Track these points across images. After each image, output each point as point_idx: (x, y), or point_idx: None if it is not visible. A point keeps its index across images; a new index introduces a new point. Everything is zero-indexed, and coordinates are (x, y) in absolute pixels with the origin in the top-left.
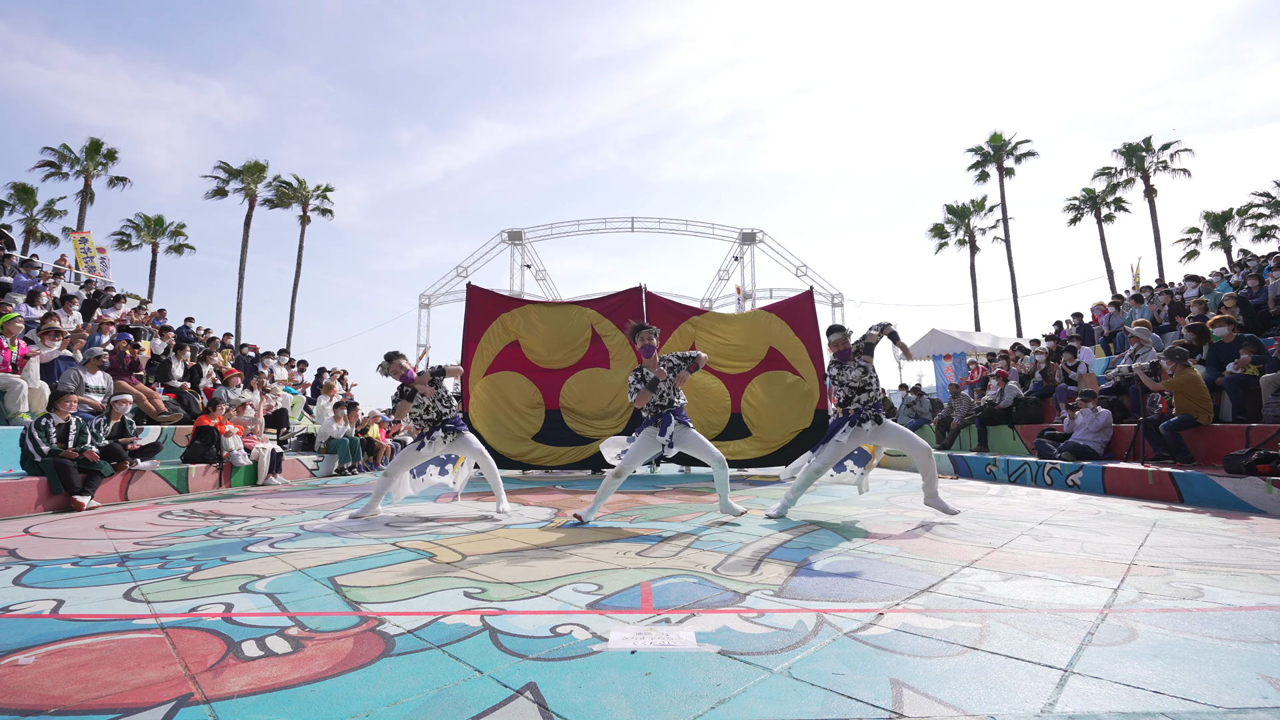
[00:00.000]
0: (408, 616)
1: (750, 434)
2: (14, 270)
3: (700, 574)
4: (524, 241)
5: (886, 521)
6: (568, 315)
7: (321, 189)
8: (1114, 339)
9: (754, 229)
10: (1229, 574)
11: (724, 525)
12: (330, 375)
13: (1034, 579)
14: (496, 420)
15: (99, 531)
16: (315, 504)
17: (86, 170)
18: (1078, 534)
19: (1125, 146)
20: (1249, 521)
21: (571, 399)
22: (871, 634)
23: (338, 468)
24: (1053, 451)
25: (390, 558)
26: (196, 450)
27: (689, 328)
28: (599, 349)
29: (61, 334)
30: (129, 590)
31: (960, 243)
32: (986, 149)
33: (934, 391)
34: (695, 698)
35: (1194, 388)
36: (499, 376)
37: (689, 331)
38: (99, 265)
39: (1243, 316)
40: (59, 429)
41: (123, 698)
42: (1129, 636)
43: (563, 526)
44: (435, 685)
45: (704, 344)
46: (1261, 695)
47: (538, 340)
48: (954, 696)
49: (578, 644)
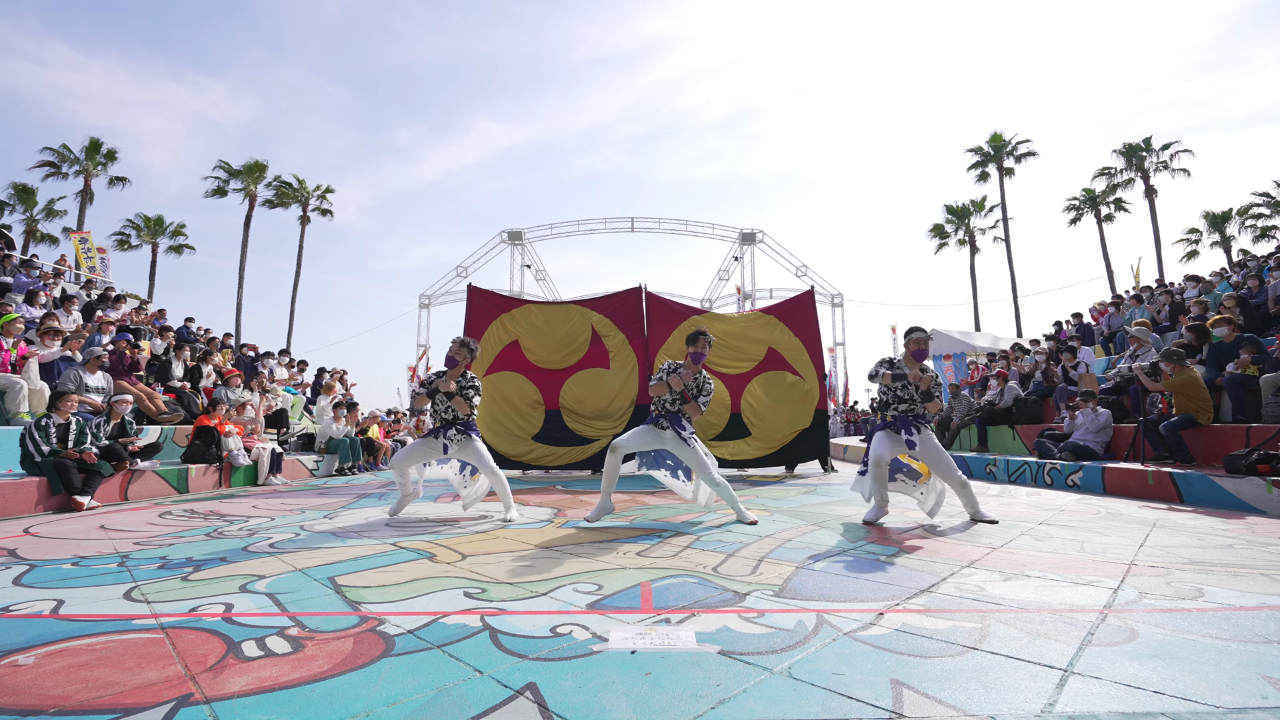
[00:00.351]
0: (408, 616)
1: (750, 434)
2: (14, 270)
3: (700, 574)
4: (524, 241)
5: (886, 521)
6: (568, 315)
7: (322, 189)
8: (1114, 339)
9: (754, 229)
10: (1229, 574)
11: (724, 525)
12: (330, 375)
13: (1034, 579)
14: (496, 420)
15: (99, 531)
16: (315, 504)
17: (86, 170)
18: (1078, 534)
19: (1125, 146)
20: (1249, 521)
21: (571, 399)
22: (871, 634)
23: (338, 468)
24: (1053, 451)
25: (390, 558)
26: (196, 450)
27: (689, 327)
28: (599, 349)
29: (61, 334)
30: (129, 590)
31: (960, 243)
32: (986, 149)
33: None
34: (695, 698)
35: (1193, 388)
36: (499, 377)
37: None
38: (99, 265)
39: (1243, 316)
40: (59, 429)
41: (123, 698)
42: (1129, 636)
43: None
44: (435, 685)
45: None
46: (1261, 695)
47: (537, 340)
48: (954, 696)
49: (578, 644)
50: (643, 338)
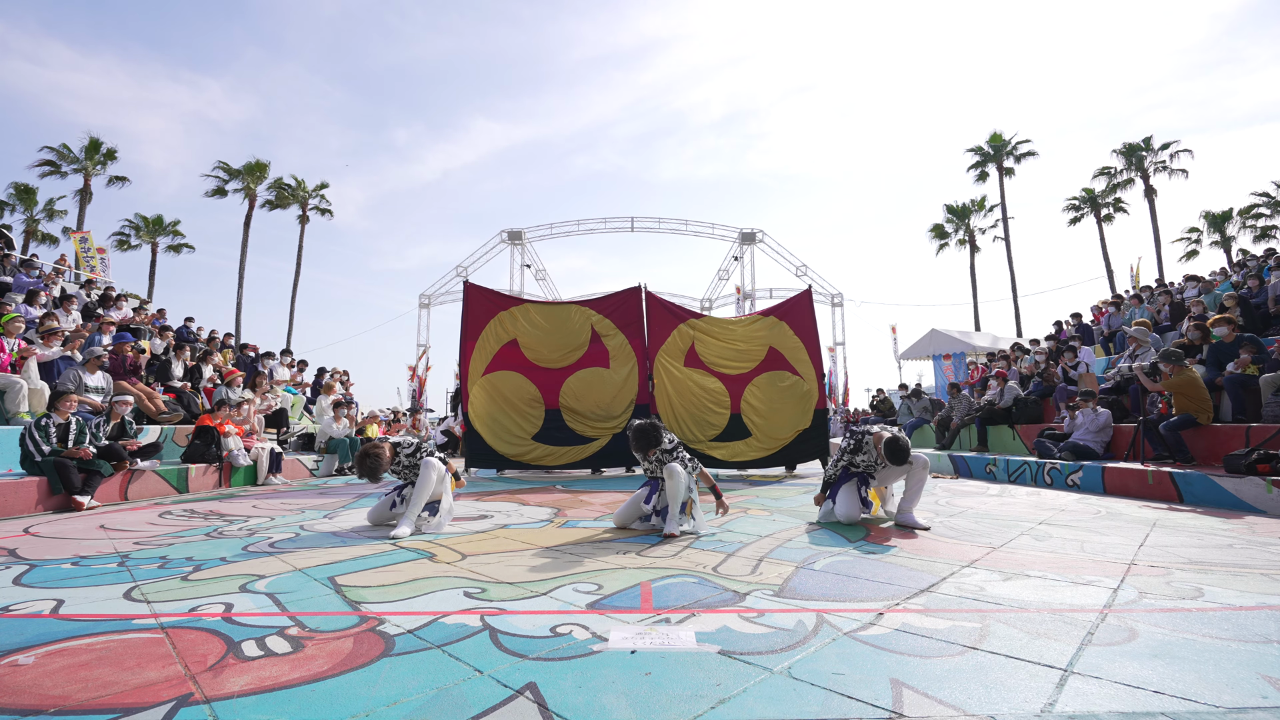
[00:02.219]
0: (408, 616)
1: (750, 434)
2: (14, 270)
3: (700, 574)
4: (524, 241)
5: (887, 522)
6: (568, 315)
7: (318, 187)
8: (1114, 339)
9: (754, 229)
10: (1229, 574)
11: (724, 525)
12: (331, 375)
13: (1034, 579)
14: (496, 420)
15: (99, 531)
16: (315, 504)
17: (86, 169)
18: (1078, 534)
19: (1125, 146)
20: (1249, 521)
21: (571, 398)
22: (871, 634)
23: (337, 468)
24: (1053, 451)
25: (390, 558)
26: (196, 450)
27: (687, 329)
28: (599, 349)
29: (61, 334)
30: (129, 590)
31: (960, 243)
32: (986, 149)
33: (934, 391)
34: (695, 698)
35: (1193, 388)
36: (497, 376)
37: (688, 333)
38: (99, 265)
39: (1243, 316)
40: (59, 429)
41: (123, 698)
42: (1129, 636)
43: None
44: (435, 685)
45: (703, 347)
46: (1261, 695)
47: (537, 339)
48: (954, 696)
49: (578, 644)
50: (642, 337)
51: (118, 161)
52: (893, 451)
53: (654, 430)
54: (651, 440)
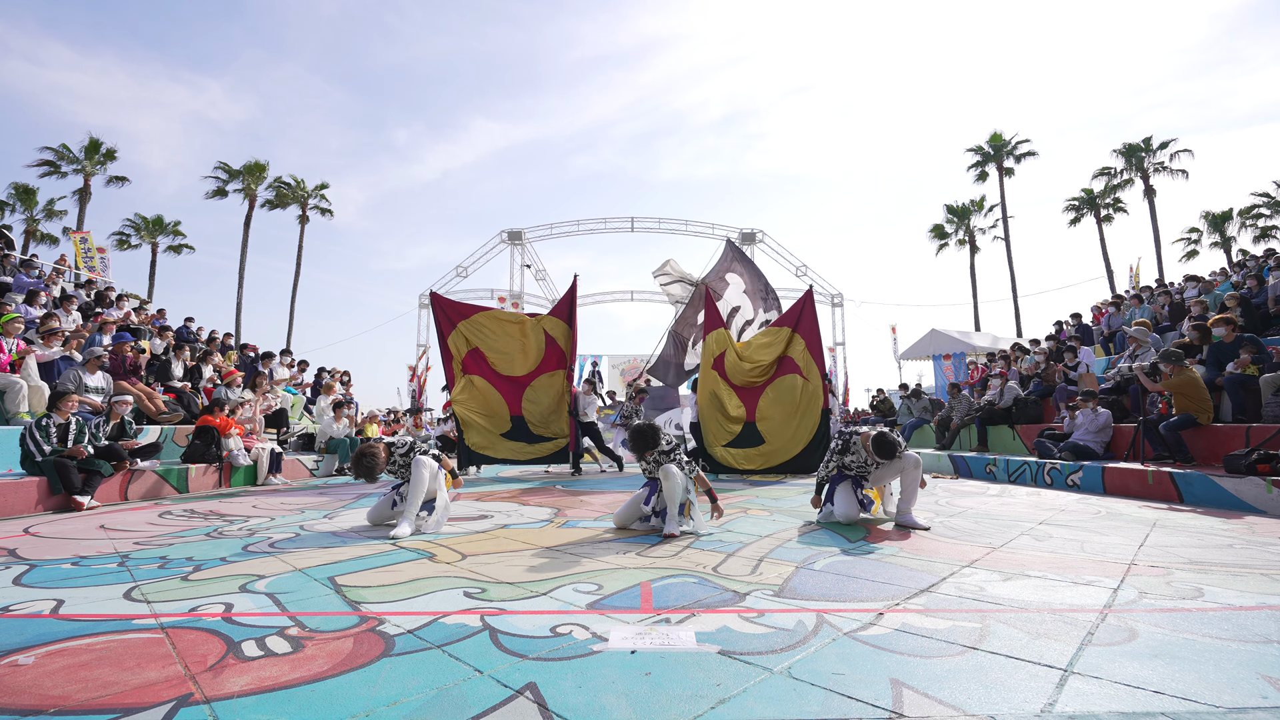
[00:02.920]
0: (408, 616)
1: (765, 442)
2: (14, 270)
3: (700, 574)
4: (524, 241)
5: (886, 521)
6: (521, 326)
7: (318, 187)
8: (1114, 339)
9: (754, 229)
10: (1229, 574)
11: (724, 525)
12: (331, 376)
13: (1034, 579)
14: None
15: (99, 531)
16: (315, 504)
17: (85, 169)
18: (1078, 534)
19: (1125, 147)
20: (1249, 521)
21: (529, 404)
22: (871, 634)
23: (337, 468)
24: (1053, 451)
25: (390, 558)
26: (196, 450)
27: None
28: (554, 351)
29: (61, 334)
30: (129, 590)
31: (960, 243)
32: (986, 149)
33: (934, 391)
34: (695, 698)
35: (1193, 388)
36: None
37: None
38: (99, 265)
39: (1243, 317)
40: (59, 429)
41: (123, 698)
42: (1129, 636)
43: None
44: (435, 685)
45: (731, 358)
46: (1261, 695)
47: (495, 349)
48: (954, 696)
49: (578, 644)
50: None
51: (117, 161)
52: (880, 446)
53: (652, 431)
54: (649, 441)
